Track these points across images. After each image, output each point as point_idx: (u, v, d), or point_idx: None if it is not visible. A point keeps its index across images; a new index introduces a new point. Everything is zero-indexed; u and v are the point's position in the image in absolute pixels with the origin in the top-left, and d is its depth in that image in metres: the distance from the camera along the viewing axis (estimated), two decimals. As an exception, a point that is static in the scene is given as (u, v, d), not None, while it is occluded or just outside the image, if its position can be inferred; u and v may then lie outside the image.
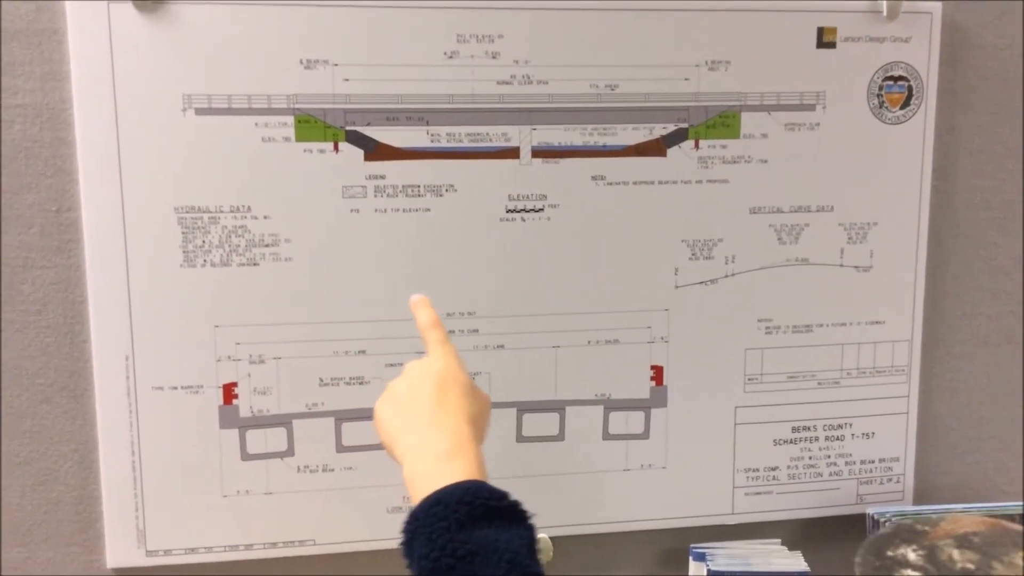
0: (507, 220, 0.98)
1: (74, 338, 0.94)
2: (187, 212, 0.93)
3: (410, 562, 0.65)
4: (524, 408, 1.02)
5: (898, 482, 1.11)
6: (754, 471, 1.08)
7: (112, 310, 0.93)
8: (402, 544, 0.66)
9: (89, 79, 0.89)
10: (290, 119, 0.93)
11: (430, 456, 0.70)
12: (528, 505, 0.68)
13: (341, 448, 0.99)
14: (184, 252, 0.93)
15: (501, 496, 0.65)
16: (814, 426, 1.08)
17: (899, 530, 0.95)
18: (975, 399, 1.13)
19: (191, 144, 0.92)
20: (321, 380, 0.97)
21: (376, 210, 0.96)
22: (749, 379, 1.06)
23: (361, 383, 0.98)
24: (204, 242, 0.93)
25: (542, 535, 1.02)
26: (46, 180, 0.91)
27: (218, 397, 0.96)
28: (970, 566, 0.85)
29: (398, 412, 0.75)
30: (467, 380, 0.77)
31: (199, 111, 0.91)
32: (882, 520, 1.03)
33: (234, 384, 0.96)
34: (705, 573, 1.00)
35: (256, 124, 0.92)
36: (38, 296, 0.93)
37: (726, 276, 1.03)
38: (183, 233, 0.93)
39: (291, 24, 0.91)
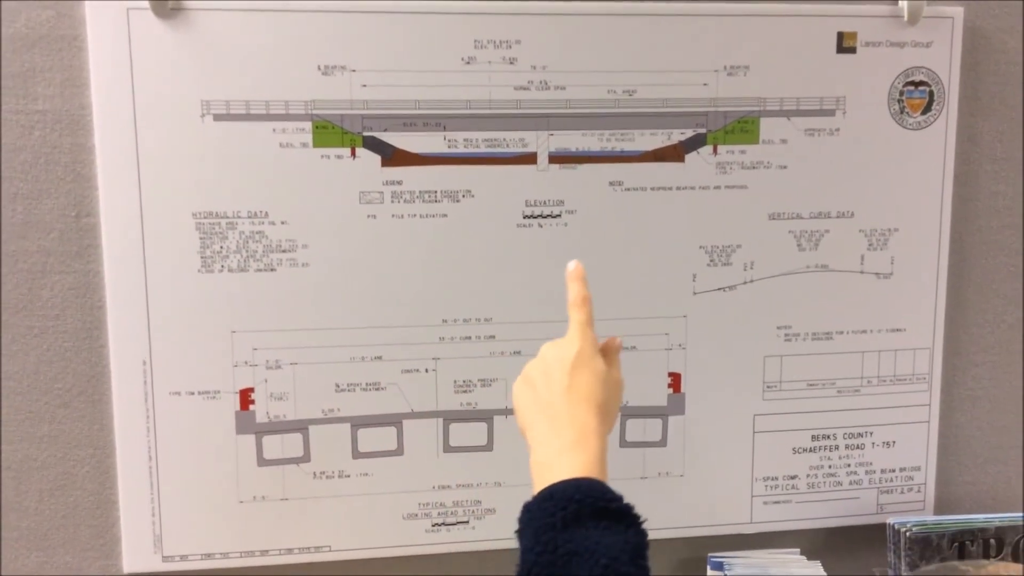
0: (524, 226, 0.98)
1: (92, 343, 0.94)
2: (205, 217, 0.93)
3: (520, 550, 0.65)
4: (541, 415, 1.01)
5: (919, 491, 1.10)
6: (773, 480, 1.07)
7: (130, 315, 0.93)
8: (516, 532, 0.66)
9: (108, 85, 0.90)
10: (308, 125, 0.93)
11: (553, 447, 0.70)
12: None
13: (357, 454, 0.99)
14: (202, 257, 0.93)
15: (613, 497, 0.65)
16: (834, 434, 1.07)
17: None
18: (997, 408, 1.11)
19: (209, 150, 0.92)
20: (337, 386, 0.97)
21: (393, 216, 0.96)
22: (768, 387, 1.05)
23: (377, 389, 0.98)
24: (222, 247, 0.93)
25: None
26: (65, 186, 0.92)
27: (235, 402, 0.96)
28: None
29: (531, 396, 0.75)
30: (601, 366, 0.76)
31: (217, 117, 0.91)
32: (903, 530, 1.02)
33: (251, 389, 0.96)
34: (723, 582, 1.00)
35: (274, 130, 0.93)
36: (56, 301, 0.93)
37: (745, 283, 1.03)
38: (201, 238, 0.93)
39: (309, 30, 0.91)
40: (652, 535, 1.03)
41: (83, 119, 0.91)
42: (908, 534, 1.01)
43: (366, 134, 0.94)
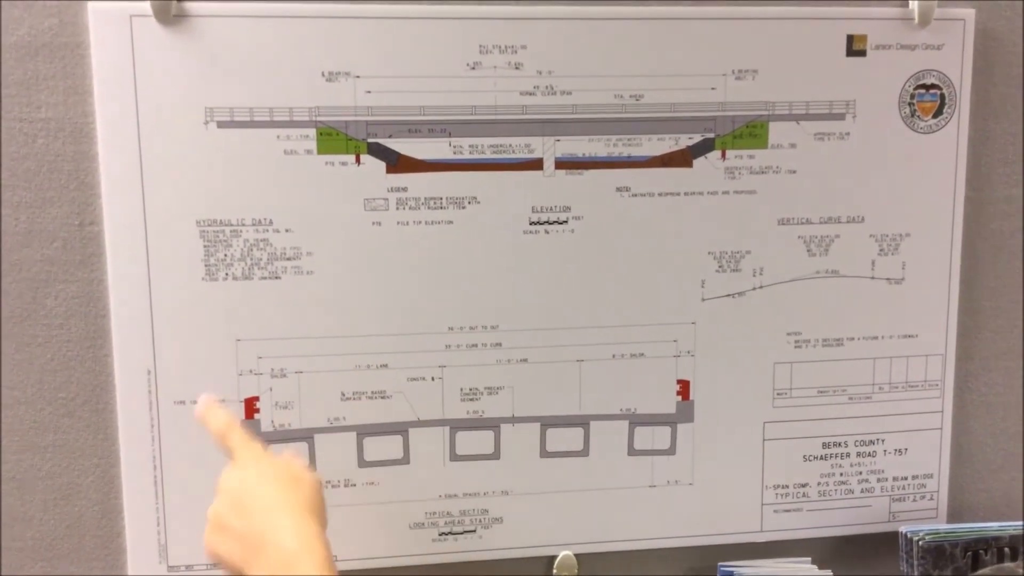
0: (530, 232, 0.97)
1: (96, 352, 0.94)
2: (209, 225, 0.92)
3: None
4: (548, 423, 1.00)
5: (932, 499, 1.09)
6: (783, 488, 1.05)
7: (134, 324, 0.92)
8: None
9: (111, 93, 0.89)
10: (312, 132, 0.92)
11: (282, 567, 0.66)
12: (551, 521, 0.67)
13: (363, 463, 0.98)
14: (206, 266, 0.93)
15: None
16: (845, 442, 1.05)
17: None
18: (1011, 414, 1.10)
19: (213, 157, 0.91)
20: (343, 394, 0.97)
21: (398, 223, 0.95)
22: (778, 394, 1.04)
23: (383, 397, 0.97)
24: (226, 255, 0.93)
25: (566, 552, 1.01)
26: (69, 194, 0.91)
27: (239, 411, 0.95)
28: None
29: (230, 537, 0.71)
30: (285, 471, 0.73)
31: (221, 124, 0.91)
32: (915, 538, 1.00)
33: (256, 398, 0.96)
34: (733, 592, 0.99)
35: (278, 137, 0.92)
36: (60, 310, 0.93)
37: (754, 289, 1.02)
38: (205, 246, 0.92)
39: (313, 36, 0.91)
40: (661, 544, 1.04)
41: (86, 127, 0.90)
42: (921, 543, 1.00)
43: (371, 140, 0.93)
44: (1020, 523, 1.03)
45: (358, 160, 0.94)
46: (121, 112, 0.89)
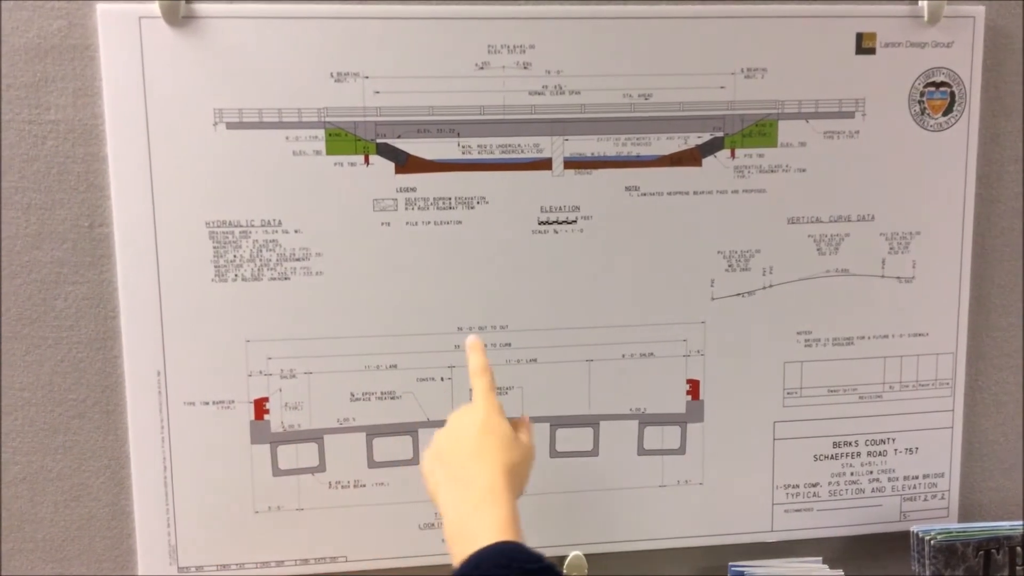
0: (539, 232, 0.97)
1: (106, 353, 0.94)
2: (218, 226, 0.92)
3: None
4: (557, 423, 1.00)
5: (943, 499, 1.08)
6: (794, 487, 1.05)
7: (144, 325, 0.93)
8: None
9: (121, 95, 0.89)
10: (321, 132, 0.92)
11: (464, 509, 0.72)
12: (562, 521, 0.68)
13: (373, 464, 0.98)
14: (215, 267, 0.93)
15: (537, 559, 0.66)
16: (856, 441, 1.05)
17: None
18: (1021, 413, 1.10)
19: (222, 158, 0.91)
20: (352, 395, 0.97)
21: (407, 223, 0.95)
22: (788, 393, 1.03)
23: (392, 398, 0.97)
24: (235, 256, 0.93)
25: (576, 552, 1.01)
26: (78, 195, 0.91)
27: (249, 412, 0.95)
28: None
29: (439, 465, 0.77)
30: (508, 430, 0.78)
31: (230, 125, 0.91)
32: (927, 538, 1.00)
33: (265, 399, 0.96)
34: (744, 592, 0.98)
35: (287, 138, 0.92)
36: (71, 311, 0.93)
37: (764, 288, 1.01)
38: (214, 247, 0.93)
39: (321, 37, 0.91)
40: (671, 544, 1.04)
41: (95, 129, 0.90)
42: (932, 542, 1.00)
43: (379, 141, 0.93)
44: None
45: (367, 160, 0.94)
46: (130, 114, 0.89)
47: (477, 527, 0.69)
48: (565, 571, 1.02)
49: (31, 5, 0.88)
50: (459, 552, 0.68)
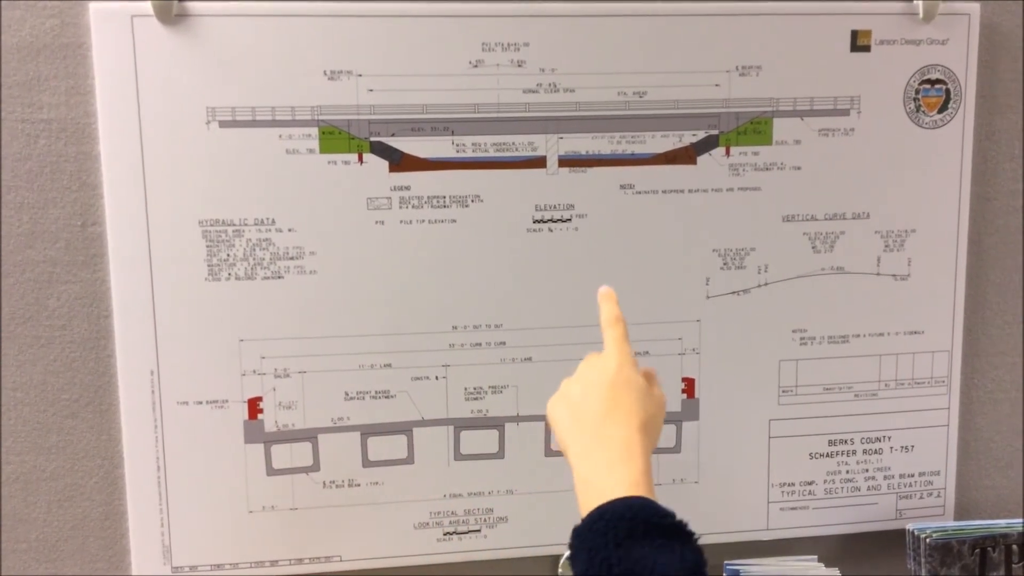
0: (534, 231, 0.97)
1: (99, 353, 0.94)
2: (211, 225, 0.92)
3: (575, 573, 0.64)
4: (553, 422, 1.00)
5: (939, 496, 1.08)
6: (789, 485, 1.05)
7: (137, 324, 0.92)
8: (567, 558, 0.67)
9: (113, 93, 0.89)
10: (314, 131, 0.92)
11: (597, 464, 0.69)
12: (557, 520, 0.67)
13: (367, 463, 0.98)
14: (208, 266, 0.92)
15: (665, 513, 0.64)
16: (851, 439, 1.05)
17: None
18: (1018, 410, 1.10)
19: (215, 157, 0.91)
20: (346, 394, 0.96)
21: (401, 221, 0.95)
22: (783, 391, 1.03)
23: (387, 397, 0.97)
24: (228, 255, 0.93)
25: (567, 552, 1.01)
26: (71, 194, 0.91)
27: (243, 412, 0.95)
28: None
29: (570, 414, 0.74)
30: (642, 383, 0.75)
31: (223, 124, 0.91)
32: (923, 536, 1.00)
33: (259, 398, 0.95)
34: (740, 591, 0.98)
35: (280, 136, 0.92)
36: (63, 311, 0.93)
37: (759, 286, 1.01)
38: (207, 246, 0.92)
39: (315, 35, 0.90)
40: (667, 543, 1.03)
41: (88, 127, 0.90)
42: (928, 540, 0.99)
43: (373, 139, 0.93)
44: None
45: (360, 159, 0.93)
46: (123, 112, 0.89)
47: (610, 484, 0.67)
48: (560, 571, 1.01)
49: (24, 4, 0.88)
50: (588, 505, 0.66)
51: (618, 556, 0.60)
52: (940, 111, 1.01)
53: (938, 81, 1.00)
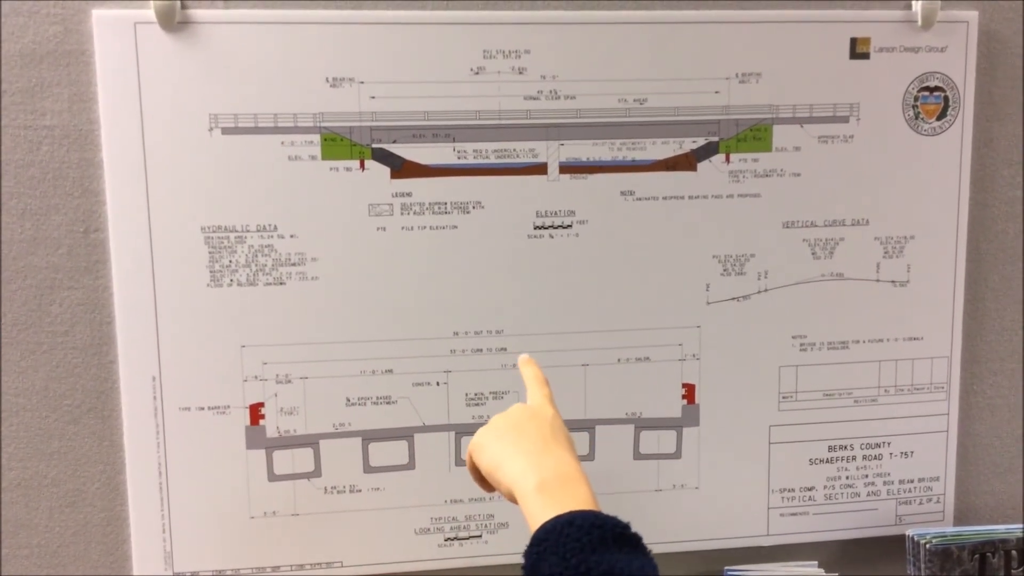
0: (535, 237, 0.97)
1: (101, 358, 0.94)
2: (214, 231, 0.92)
3: None
4: (553, 427, 1.00)
5: (938, 502, 1.08)
6: (789, 491, 1.05)
7: (139, 330, 0.93)
8: (526, 566, 0.65)
9: (116, 100, 0.89)
10: (316, 137, 0.92)
11: (548, 476, 0.70)
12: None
13: (368, 469, 0.98)
14: (211, 272, 0.93)
15: (626, 525, 0.66)
16: (851, 445, 1.05)
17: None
18: (1017, 416, 1.10)
19: (217, 163, 0.91)
20: (348, 400, 0.97)
21: (403, 228, 0.95)
22: (783, 397, 1.03)
23: (388, 402, 0.97)
24: (231, 261, 0.93)
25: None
26: (74, 201, 0.91)
27: (245, 417, 0.95)
28: None
29: (503, 441, 0.75)
30: (570, 436, 0.77)
31: (225, 130, 0.91)
32: (923, 542, 1.00)
33: (261, 404, 0.95)
34: (740, 596, 0.98)
35: (282, 143, 0.92)
36: (66, 317, 0.93)
37: (759, 292, 1.01)
38: (210, 252, 0.92)
39: (317, 42, 0.91)
40: (667, 548, 1.04)
41: (91, 134, 0.90)
42: (928, 546, 1.00)
43: (375, 146, 0.93)
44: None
45: (362, 165, 0.94)
46: (125, 119, 0.89)
47: (566, 497, 0.68)
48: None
49: (27, 11, 0.88)
50: (545, 515, 0.66)
51: (595, 559, 0.61)
52: (939, 118, 1.01)
53: (937, 88, 1.01)
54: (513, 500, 0.72)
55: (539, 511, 0.67)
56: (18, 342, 0.93)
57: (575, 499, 0.68)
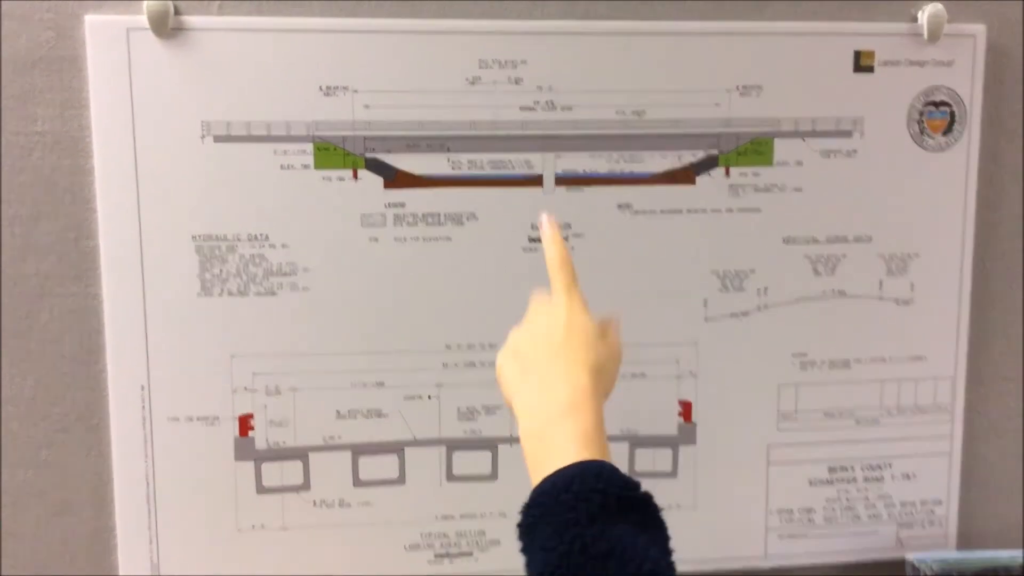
0: (530, 250, 0.96)
1: (90, 367, 0.93)
2: (205, 240, 0.91)
3: (529, 550, 0.59)
4: (547, 443, 0.98)
5: (941, 526, 1.06)
6: (788, 513, 1.03)
7: (128, 339, 0.92)
8: (521, 526, 0.60)
9: (108, 107, 0.89)
10: (309, 146, 0.91)
11: (545, 414, 0.65)
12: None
13: (358, 482, 0.97)
14: (201, 281, 0.92)
15: (633, 484, 0.59)
16: (852, 466, 1.03)
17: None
18: (1022, 438, 1.07)
19: (209, 172, 0.90)
20: (338, 412, 0.95)
21: (396, 239, 0.94)
22: (783, 416, 1.01)
23: (379, 416, 0.96)
24: (221, 271, 0.92)
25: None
26: (64, 208, 0.91)
27: (234, 428, 0.94)
28: None
29: (517, 364, 0.70)
30: (593, 327, 0.70)
31: (218, 138, 0.90)
32: (924, 568, 0.98)
33: (250, 415, 0.94)
34: (735, 620, 0.97)
35: (275, 151, 0.91)
36: (55, 325, 0.92)
37: (758, 308, 1.00)
38: (200, 262, 0.92)
39: (311, 51, 0.90)
40: (662, 569, 1.01)
41: (82, 140, 0.90)
42: (930, 572, 0.98)
43: (368, 156, 0.92)
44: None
45: (355, 175, 0.93)
46: (117, 126, 0.89)
47: (559, 438, 0.62)
48: None
49: (19, 16, 0.88)
50: (537, 466, 0.62)
51: (592, 534, 0.55)
52: (945, 133, 1.00)
53: (943, 103, 0.99)
54: None
55: (533, 467, 0.62)
56: (7, 350, 0.92)
57: (571, 439, 0.62)
